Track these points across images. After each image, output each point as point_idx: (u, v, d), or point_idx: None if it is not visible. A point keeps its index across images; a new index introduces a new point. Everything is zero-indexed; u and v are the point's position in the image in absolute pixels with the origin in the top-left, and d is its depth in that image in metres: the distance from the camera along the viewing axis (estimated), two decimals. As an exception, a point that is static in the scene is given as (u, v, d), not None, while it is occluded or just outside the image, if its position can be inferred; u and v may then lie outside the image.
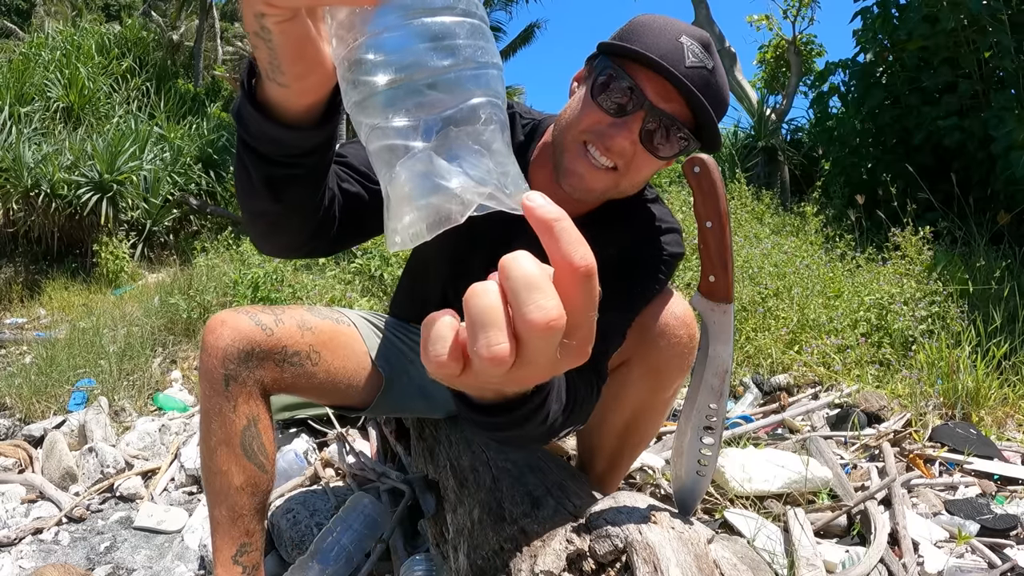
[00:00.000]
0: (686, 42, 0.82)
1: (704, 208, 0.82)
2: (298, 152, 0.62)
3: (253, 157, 0.62)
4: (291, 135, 0.58)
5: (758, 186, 5.57)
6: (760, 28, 8.72)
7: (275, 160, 0.62)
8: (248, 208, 0.71)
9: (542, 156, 0.98)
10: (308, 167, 0.65)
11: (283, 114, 0.57)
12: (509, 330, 0.32)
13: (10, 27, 13.58)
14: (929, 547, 1.31)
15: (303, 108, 0.57)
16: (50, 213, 6.06)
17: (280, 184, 0.65)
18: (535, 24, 15.19)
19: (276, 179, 0.64)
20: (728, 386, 0.89)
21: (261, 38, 0.46)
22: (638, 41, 0.83)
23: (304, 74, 0.50)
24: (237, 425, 0.97)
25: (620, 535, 0.79)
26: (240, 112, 0.59)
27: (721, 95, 0.86)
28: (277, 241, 0.77)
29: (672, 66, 0.80)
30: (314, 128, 0.59)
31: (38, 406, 2.40)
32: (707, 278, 0.85)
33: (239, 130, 0.61)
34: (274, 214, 0.70)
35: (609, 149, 0.84)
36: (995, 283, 2.89)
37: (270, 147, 0.60)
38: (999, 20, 4.25)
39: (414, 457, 1.55)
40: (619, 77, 0.82)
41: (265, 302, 3.33)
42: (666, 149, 0.85)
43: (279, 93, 0.54)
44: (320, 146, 0.62)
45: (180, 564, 1.42)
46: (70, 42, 8.93)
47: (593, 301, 0.33)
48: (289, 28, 0.44)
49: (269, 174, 0.64)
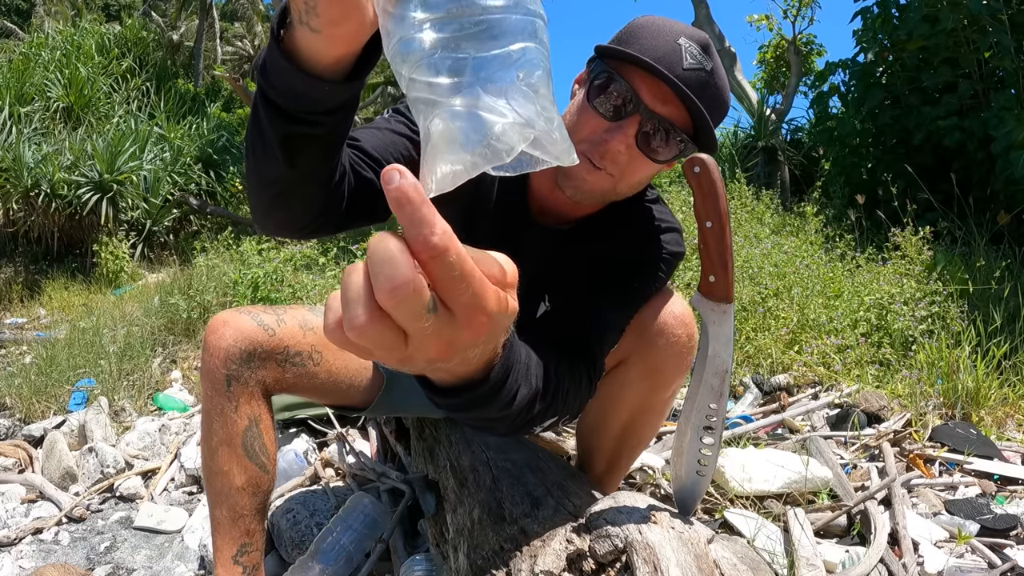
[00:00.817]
0: (684, 44, 0.82)
1: (704, 208, 0.82)
2: (320, 109, 0.60)
3: (272, 112, 0.61)
4: (317, 88, 0.57)
5: (758, 186, 5.57)
6: (760, 28, 8.74)
7: (295, 116, 0.61)
8: (258, 174, 0.69)
9: None
10: (328, 127, 0.63)
11: (311, 64, 0.56)
12: (370, 302, 0.33)
13: (10, 27, 13.58)
14: (929, 547, 1.31)
15: (333, 59, 0.55)
16: (50, 213, 6.06)
17: (296, 144, 0.64)
18: (535, 24, 15.19)
19: (293, 138, 0.63)
20: (728, 386, 0.89)
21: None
22: (635, 43, 0.82)
23: (339, 19, 0.49)
24: (239, 425, 0.98)
25: (620, 535, 0.79)
26: (265, 63, 0.58)
27: (720, 97, 0.85)
28: (283, 214, 0.75)
29: (669, 69, 0.80)
30: (341, 82, 0.58)
31: (38, 406, 2.39)
32: (707, 278, 0.85)
33: (260, 83, 0.60)
34: (285, 180, 0.68)
35: (604, 156, 0.84)
36: (995, 283, 2.89)
37: (292, 102, 0.59)
38: (999, 20, 4.25)
39: (414, 457, 1.55)
40: (615, 80, 0.82)
41: (265, 302, 3.33)
42: (663, 153, 0.85)
43: (310, 40, 0.53)
44: (343, 105, 0.61)
45: (180, 564, 1.42)
46: (70, 42, 8.93)
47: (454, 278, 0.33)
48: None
49: (287, 132, 0.62)
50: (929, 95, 5.02)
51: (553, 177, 0.92)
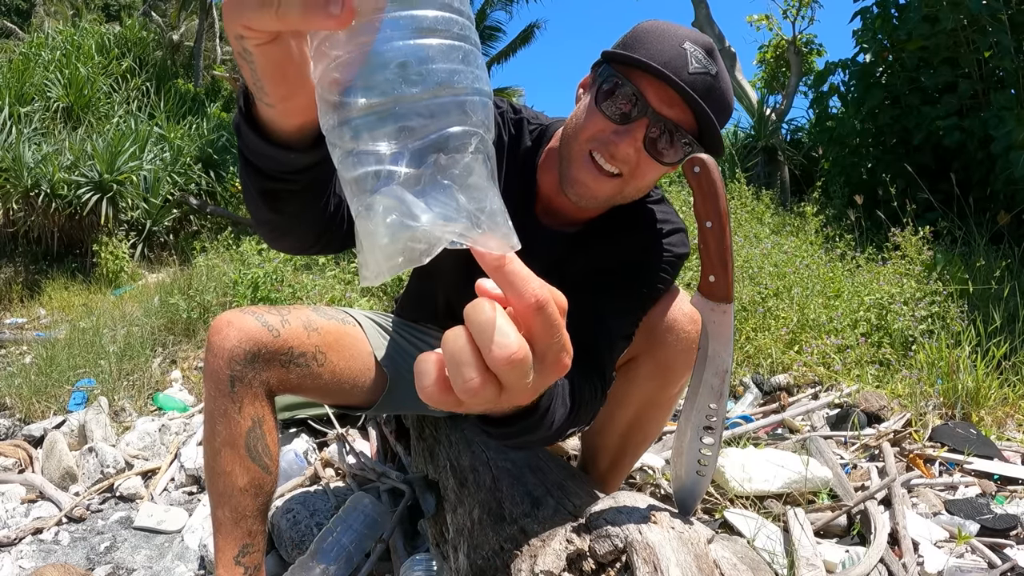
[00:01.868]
0: (689, 48, 0.83)
1: (704, 208, 0.82)
2: (293, 169, 0.61)
3: (251, 170, 0.63)
4: (283, 154, 0.58)
5: (758, 186, 5.57)
6: (760, 28, 8.74)
7: (271, 175, 0.62)
8: (252, 214, 0.72)
9: (548, 161, 0.99)
10: (304, 183, 0.64)
11: (275, 133, 0.57)
12: (480, 365, 0.36)
13: (10, 27, 13.57)
14: (929, 547, 1.31)
15: (293, 128, 0.56)
16: (50, 213, 6.06)
17: (276, 196, 0.65)
18: (535, 24, 15.19)
19: (272, 192, 0.64)
20: (728, 386, 0.89)
21: (244, 59, 0.45)
22: (641, 48, 0.84)
23: (288, 96, 0.49)
24: (242, 427, 0.98)
25: (620, 535, 0.79)
26: (238, 126, 0.59)
27: (724, 100, 0.87)
28: (284, 244, 0.78)
29: (675, 73, 0.81)
30: (306, 149, 0.58)
31: (38, 406, 2.40)
32: (707, 278, 0.85)
33: (238, 142, 0.61)
34: (276, 223, 0.71)
35: (614, 156, 0.85)
36: (995, 283, 2.89)
37: (264, 162, 0.60)
38: (999, 20, 4.25)
39: (414, 457, 1.55)
40: (622, 84, 0.84)
41: (265, 302, 3.33)
42: (670, 155, 0.86)
43: (267, 112, 0.54)
44: (314, 165, 0.62)
45: (180, 564, 1.42)
46: (70, 42, 8.93)
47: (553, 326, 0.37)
48: (270, 50, 0.43)
49: (266, 187, 0.64)
50: (929, 95, 5.02)
51: (557, 181, 0.93)
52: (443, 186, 0.34)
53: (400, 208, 0.33)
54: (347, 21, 0.33)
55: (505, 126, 1.02)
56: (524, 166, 1.02)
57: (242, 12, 0.36)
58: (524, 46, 15.32)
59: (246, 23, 0.37)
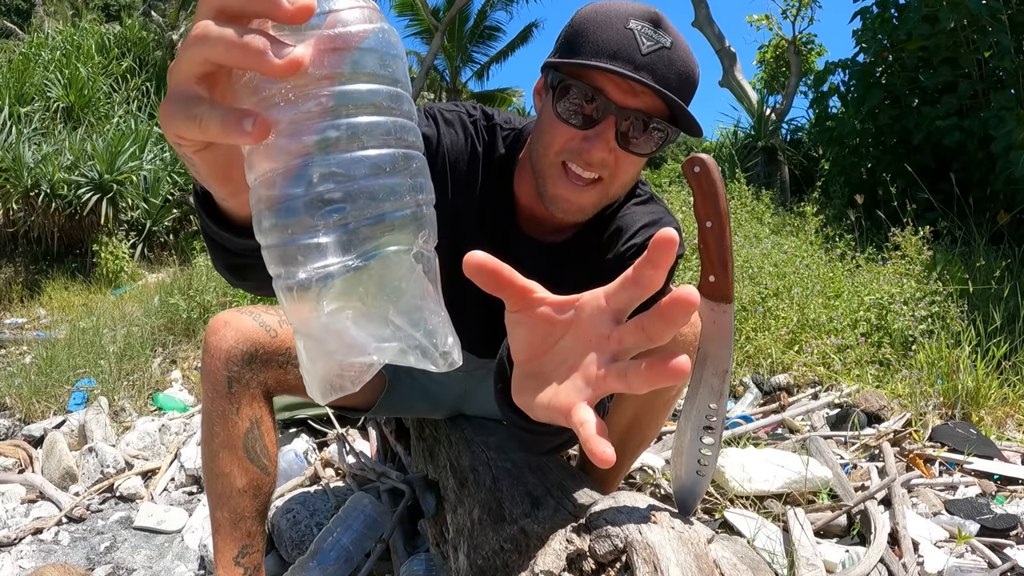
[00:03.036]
0: (635, 27, 0.78)
1: (704, 208, 0.82)
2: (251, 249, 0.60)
3: (212, 245, 0.62)
4: (240, 240, 0.57)
5: (758, 186, 5.57)
6: (760, 28, 8.75)
7: (235, 251, 0.61)
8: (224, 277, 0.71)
9: (524, 168, 0.95)
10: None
11: (232, 218, 0.56)
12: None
13: (10, 27, 13.57)
14: (929, 547, 1.31)
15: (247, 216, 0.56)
16: (50, 213, 6.06)
17: (240, 268, 0.64)
18: (533, 24, 15.21)
19: (236, 266, 0.64)
20: (728, 386, 0.89)
21: (186, 160, 0.45)
22: (586, 42, 0.79)
23: (236, 192, 0.49)
24: (240, 427, 0.97)
25: (620, 535, 0.79)
26: (196, 207, 0.59)
27: (686, 70, 0.81)
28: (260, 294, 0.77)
29: (629, 59, 0.77)
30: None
31: (38, 406, 2.40)
32: (707, 278, 0.85)
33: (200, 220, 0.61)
34: (247, 287, 0.70)
35: (590, 163, 0.82)
36: (995, 283, 2.89)
37: (227, 242, 0.60)
38: (999, 20, 4.25)
39: (414, 457, 1.55)
40: (578, 87, 0.79)
41: (265, 303, 3.33)
42: (645, 145, 0.83)
43: (221, 201, 0.53)
44: None
45: (180, 564, 1.42)
46: (70, 42, 8.93)
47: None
48: (207, 155, 0.43)
49: (231, 263, 0.63)
50: (929, 95, 5.02)
51: (536, 191, 0.89)
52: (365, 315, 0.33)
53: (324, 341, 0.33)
54: (262, 136, 0.33)
55: (479, 135, 0.97)
56: (501, 175, 0.97)
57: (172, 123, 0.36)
58: (523, 45, 15.33)
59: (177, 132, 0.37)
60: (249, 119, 0.32)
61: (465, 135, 0.96)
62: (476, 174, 0.96)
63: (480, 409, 1.31)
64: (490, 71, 15.60)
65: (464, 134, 0.96)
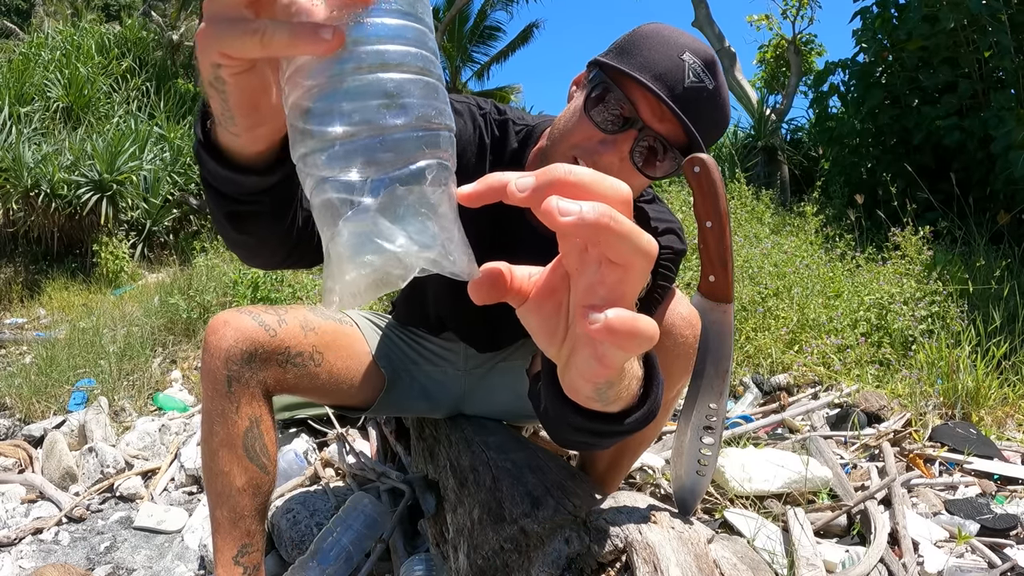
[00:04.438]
0: (688, 60, 0.80)
1: (704, 208, 0.82)
2: (255, 191, 0.61)
3: (213, 194, 0.62)
4: (244, 178, 0.58)
5: (758, 186, 5.56)
6: (760, 28, 8.76)
7: (235, 198, 0.62)
8: (222, 236, 0.71)
9: (535, 163, 0.96)
10: (267, 203, 0.64)
11: (235, 158, 0.57)
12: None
13: (10, 27, 13.57)
14: (929, 547, 1.31)
15: (255, 153, 0.56)
16: (50, 213, 6.06)
17: (244, 218, 0.65)
18: (534, 24, 15.20)
19: (238, 214, 0.64)
20: (728, 386, 0.89)
21: (215, 88, 0.45)
22: (638, 55, 0.80)
23: (255, 125, 0.50)
24: (240, 427, 0.97)
25: (620, 535, 0.79)
26: (198, 152, 0.59)
27: (720, 115, 0.83)
28: (257, 262, 0.78)
29: (670, 86, 0.78)
30: (267, 171, 0.59)
31: (38, 406, 2.40)
32: (707, 278, 0.85)
33: (199, 168, 0.61)
34: (245, 243, 0.70)
35: (596, 165, 0.82)
36: (995, 283, 2.89)
37: (228, 186, 0.60)
38: (999, 20, 4.25)
39: (414, 457, 1.55)
40: (614, 93, 0.80)
41: (265, 302, 3.33)
42: (657, 169, 0.83)
43: (231, 140, 0.54)
44: (276, 186, 0.62)
45: (180, 564, 1.42)
46: (70, 42, 8.93)
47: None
48: (244, 79, 0.43)
49: (231, 210, 0.63)
50: (929, 95, 5.02)
51: None
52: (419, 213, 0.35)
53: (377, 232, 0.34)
54: (337, 46, 0.33)
55: (488, 128, 0.98)
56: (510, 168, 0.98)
57: (221, 39, 0.36)
58: (523, 45, 15.33)
59: (225, 50, 0.37)
60: (326, 29, 0.33)
61: (474, 126, 0.97)
62: (484, 166, 0.97)
63: (480, 409, 1.31)
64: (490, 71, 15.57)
65: (473, 125, 0.97)
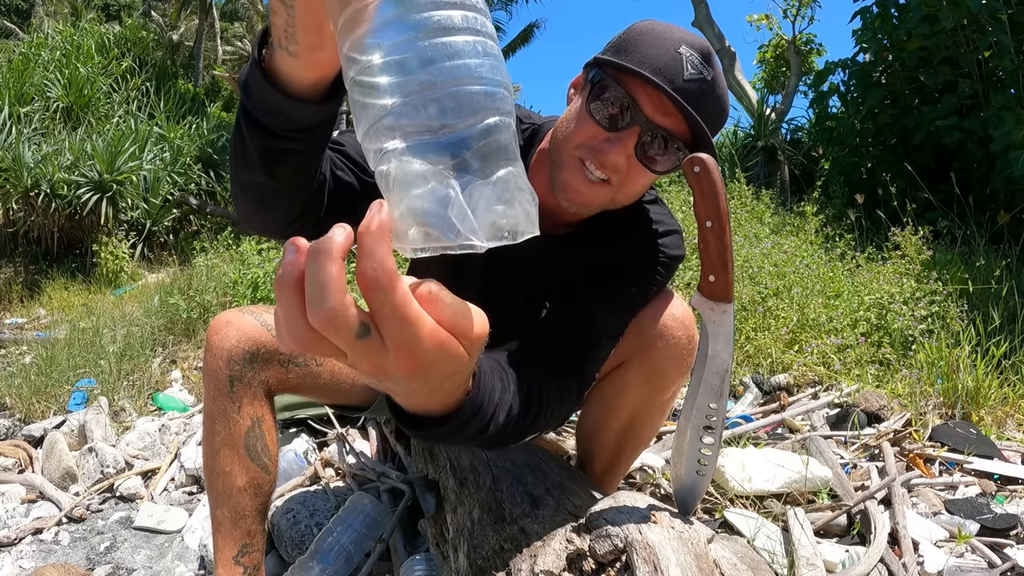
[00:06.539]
0: (685, 53, 0.80)
1: (704, 208, 0.82)
2: (298, 126, 0.62)
3: (253, 127, 0.63)
4: (294, 107, 0.59)
5: (758, 186, 5.57)
6: (760, 28, 8.76)
7: (274, 132, 0.62)
8: (240, 180, 0.71)
9: (540, 162, 0.96)
10: (306, 142, 0.65)
11: (289, 85, 0.58)
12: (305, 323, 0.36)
13: (10, 27, 13.57)
14: (929, 547, 1.31)
15: (310, 81, 0.57)
16: (50, 213, 6.06)
17: (275, 157, 0.66)
18: (534, 24, 15.21)
19: (272, 151, 0.65)
20: (728, 386, 0.89)
21: (283, 3, 0.46)
22: (635, 52, 0.81)
23: (317, 46, 0.50)
24: (241, 426, 0.98)
25: (620, 535, 0.79)
26: (247, 80, 0.60)
27: (719, 106, 0.84)
28: (263, 217, 0.77)
29: (670, 79, 0.79)
30: (318, 103, 0.59)
31: (38, 406, 2.40)
32: (707, 278, 0.85)
33: (242, 98, 0.62)
34: (265, 188, 0.70)
35: (604, 164, 0.83)
36: (995, 283, 2.89)
37: (271, 118, 0.61)
38: (999, 19, 4.25)
39: (414, 457, 1.55)
40: (615, 90, 0.81)
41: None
42: (662, 163, 0.84)
43: (288, 63, 0.55)
44: (321, 123, 0.63)
45: (180, 564, 1.42)
46: (70, 42, 8.93)
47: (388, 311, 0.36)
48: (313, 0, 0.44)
49: (267, 146, 0.64)
50: (929, 95, 5.02)
51: (548, 183, 0.91)
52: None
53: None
54: None
55: None
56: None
57: None
58: (524, 45, 15.33)
59: None
60: None
61: None
62: None
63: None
64: (490, 71, 15.59)
65: None
